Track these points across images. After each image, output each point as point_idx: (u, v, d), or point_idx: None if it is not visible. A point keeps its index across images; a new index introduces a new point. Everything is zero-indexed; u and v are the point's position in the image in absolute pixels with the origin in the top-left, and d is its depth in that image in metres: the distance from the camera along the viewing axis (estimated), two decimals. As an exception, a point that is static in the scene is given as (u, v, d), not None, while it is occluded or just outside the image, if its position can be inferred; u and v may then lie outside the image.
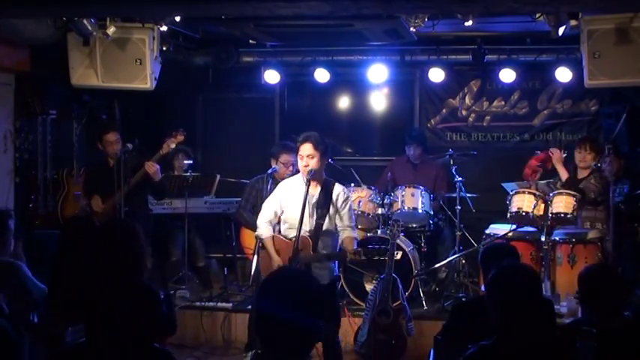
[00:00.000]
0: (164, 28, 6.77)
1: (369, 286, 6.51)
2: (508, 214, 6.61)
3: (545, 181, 6.88)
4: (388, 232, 5.95)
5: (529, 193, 6.53)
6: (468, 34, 7.40)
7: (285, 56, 8.02)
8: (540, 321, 2.75)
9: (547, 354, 2.74)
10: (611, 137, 6.56)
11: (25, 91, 7.49)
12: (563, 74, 7.37)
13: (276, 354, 2.28)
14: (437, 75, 7.84)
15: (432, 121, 8.72)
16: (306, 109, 9.14)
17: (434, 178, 7.62)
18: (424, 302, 6.76)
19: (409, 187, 7.09)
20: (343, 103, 9.18)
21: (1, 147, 7.32)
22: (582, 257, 6.32)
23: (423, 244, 7.15)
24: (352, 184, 7.22)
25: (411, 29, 6.34)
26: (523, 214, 6.45)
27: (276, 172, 6.32)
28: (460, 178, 7.19)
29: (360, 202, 7.03)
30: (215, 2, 4.59)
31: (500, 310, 2.74)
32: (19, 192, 7.53)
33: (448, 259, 7.03)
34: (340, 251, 5.21)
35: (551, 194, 6.44)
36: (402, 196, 7.02)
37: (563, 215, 6.35)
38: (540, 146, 8.07)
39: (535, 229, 6.67)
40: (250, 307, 6.58)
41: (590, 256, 6.29)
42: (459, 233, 7.09)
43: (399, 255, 6.34)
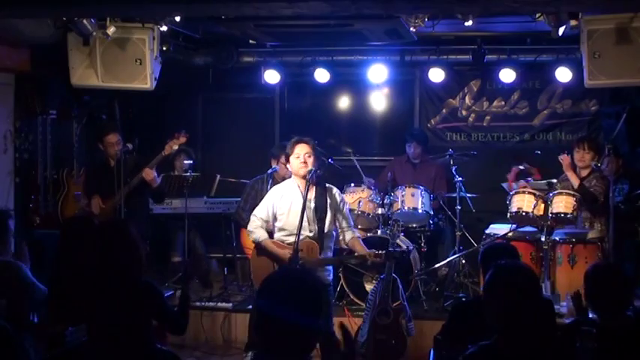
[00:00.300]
0: (164, 28, 6.77)
1: (369, 286, 6.51)
2: (508, 214, 6.61)
3: (545, 180, 6.87)
4: (388, 232, 5.94)
5: (529, 193, 6.53)
6: (468, 34, 7.40)
7: (285, 56, 8.02)
8: (540, 321, 2.75)
9: (547, 354, 2.74)
10: (611, 137, 6.54)
11: (25, 91, 7.49)
12: (563, 74, 7.37)
13: (276, 354, 2.28)
14: (437, 75, 7.84)
15: (432, 121, 8.72)
16: (306, 109, 9.14)
17: (434, 178, 7.63)
18: (424, 302, 6.76)
19: (409, 187, 7.10)
20: (343, 103, 9.18)
21: (1, 147, 7.32)
22: (582, 257, 6.32)
23: (423, 244, 7.15)
24: (352, 184, 7.22)
25: (411, 29, 6.34)
26: (523, 214, 6.45)
27: (276, 172, 6.32)
28: (460, 178, 7.19)
29: (360, 202, 7.02)
30: (215, 2, 4.58)
31: (499, 309, 2.74)
32: (19, 192, 7.53)
33: (448, 259, 7.03)
34: (353, 255, 5.31)
35: (551, 194, 6.44)
36: (402, 196, 7.02)
37: (563, 215, 6.34)
38: (540, 146, 8.10)
39: (535, 229, 6.67)
40: (250, 307, 6.58)
41: (590, 256, 6.29)
42: (459, 233, 7.09)
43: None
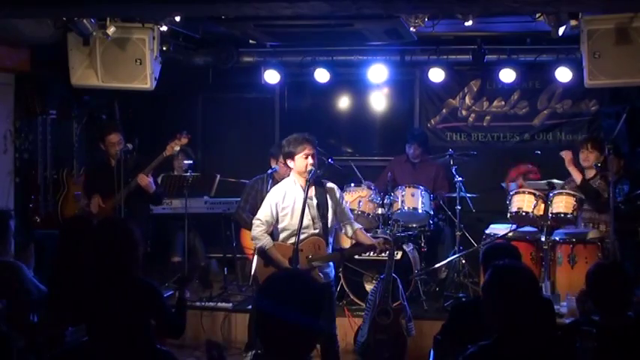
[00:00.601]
0: (164, 28, 6.77)
1: (369, 286, 6.51)
2: (508, 214, 6.61)
3: (544, 180, 6.87)
4: (388, 232, 5.95)
5: (529, 193, 6.53)
6: (468, 34, 7.40)
7: (285, 56, 8.01)
8: (540, 321, 2.75)
9: (547, 354, 2.74)
10: (611, 137, 6.54)
11: (25, 91, 7.50)
12: (563, 74, 7.37)
13: (276, 354, 2.28)
14: (437, 75, 7.83)
15: (432, 121, 8.71)
16: (306, 109, 9.14)
17: (434, 178, 7.63)
18: (424, 302, 6.76)
19: (409, 187, 7.10)
20: (343, 103, 9.18)
21: (1, 147, 7.33)
22: (582, 257, 6.31)
23: (423, 244, 7.15)
24: (352, 184, 7.22)
25: (411, 29, 6.34)
26: (523, 214, 6.46)
27: (276, 172, 6.32)
28: (460, 178, 7.19)
29: (360, 202, 7.03)
30: (215, 2, 4.58)
31: (498, 310, 2.74)
32: (19, 192, 7.53)
33: (448, 259, 7.03)
34: (361, 246, 5.34)
35: (551, 194, 6.44)
36: (402, 196, 7.02)
37: (563, 215, 6.35)
38: (540, 146, 8.09)
39: (535, 229, 6.67)
40: (250, 307, 6.58)
41: (590, 256, 6.28)
42: (459, 233, 7.09)
43: (399, 255, 6.37)
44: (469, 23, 6.20)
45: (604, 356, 3.07)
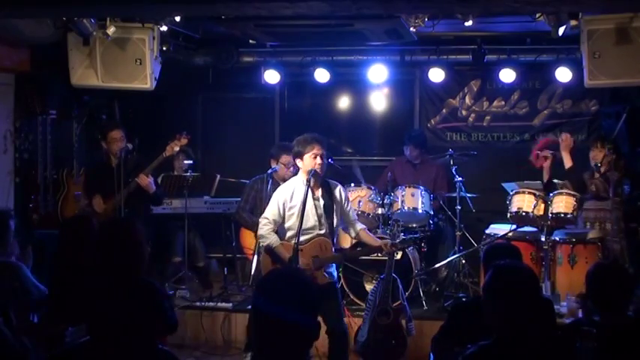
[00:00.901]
0: (164, 28, 6.77)
1: (369, 286, 6.51)
2: (508, 214, 6.61)
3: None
4: (388, 232, 5.94)
5: (529, 193, 6.52)
6: (468, 34, 7.40)
7: (285, 56, 8.02)
8: (540, 321, 2.75)
9: (547, 354, 2.74)
10: (611, 137, 6.54)
11: (25, 91, 7.50)
12: (563, 74, 7.37)
13: (274, 353, 2.28)
14: (437, 75, 7.84)
15: (432, 121, 8.72)
16: (306, 109, 9.15)
17: (434, 178, 7.63)
18: (424, 302, 6.75)
19: (409, 187, 7.09)
20: (343, 103, 9.18)
21: (1, 147, 7.33)
22: (582, 257, 6.31)
23: (423, 244, 7.14)
24: (352, 184, 7.22)
25: (411, 29, 6.34)
26: (523, 214, 6.45)
27: (276, 172, 6.32)
28: (460, 178, 7.19)
29: (360, 202, 7.02)
30: (215, 2, 4.58)
31: (499, 310, 2.74)
32: (19, 192, 7.53)
33: (448, 259, 7.03)
34: (366, 247, 5.34)
35: (551, 194, 6.44)
36: (402, 196, 7.02)
37: (563, 215, 6.34)
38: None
39: (535, 229, 6.66)
40: (250, 307, 6.57)
41: (590, 256, 6.28)
42: (459, 233, 7.09)
43: (399, 255, 6.36)
44: (469, 23, 6.21)
45: (604, 356, 3.07)
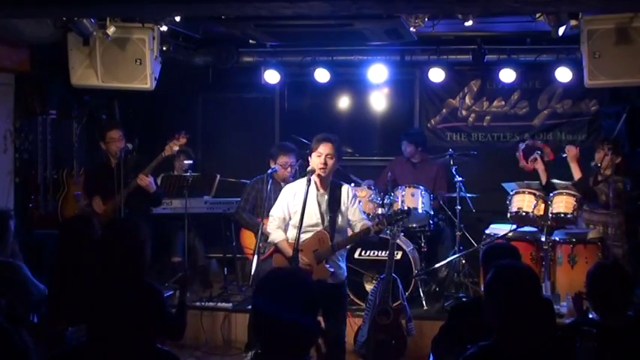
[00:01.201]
0: (164, 28, 6.77)
1: (369, 286, 6.52)
2: (508, 214, 6.61)
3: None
4: (388, 232, 5.94)
5: (529, 193, 6.53)
6: (468, 34, 7.40)
7: (285, 56, 8.02)
8: (540, 321, 2.75)
9: (547, 354, 2.74)
10: (611, 137, 6.54)
11: (25, 91, 7.49)
12: (563, 74, 7.37)
13: (275, 353, 2.28)
14: (437, 75, 7.84)
15: (432, 121, 8.72)
16: (306, 109, 9.15)
17: (434, 178, 7.63)
18: (424, 302, 6.76)
19: (409, 187, 7.09)
20: (343, 103, 9.18)
21: (1, 147, 7.32)
22: (582, 257, 6.32)
23: (423, 244, 7.15)
24: (352, 184, 7.22)
25: (411, 29, 6.34)
26: (523, 214, 6.45)
27: (276, 172, 6.32)
28: (460, 178, 7.19)
29: (360, 202, 7.00)
30: (215, 2, 4.58)
31: (499, 310, 2.74)
32: (19, 192, 7.53)
33: (448, 259, 7.04)
34: (363, 230, 5.21)
35: (551, 194, 6.43)
36: (402, 196, 7.02)
37: (563, 215, 6.34)
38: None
39: (535, 229, 6.67)
40: (250, 307, 6.57)
41: (590, 256, 6.29)
42: (459, 233, 7.09)
43: (399, 255, 6.36)
44: (469, 23, 6.20)
45: (604, 356, 3.07)
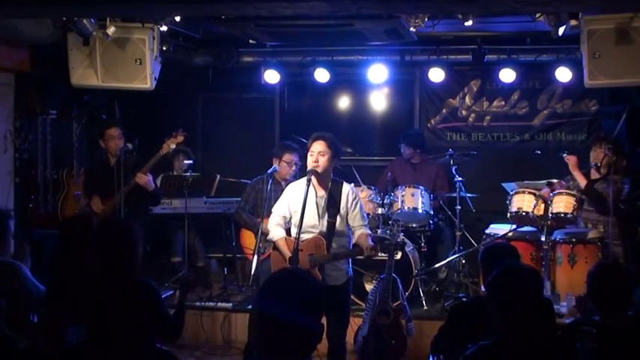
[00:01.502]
0: (164, 28, 6.77)
1: (369, 286, 6.51)
2: (508, 214, 6.61)
3: (544, 180, 6.84)
4: (388, 232, 5.94)
5: (529, 193, 6.52)
6: (468, 34, 7.40)
7: (285, 56, 8.02)
8: (540, 321, 2.75)
9: (547, 354, 2.74)
10: (612, 137, 6.54)
11: (25, 91, 7.49)
12: (563, 74, 7.37)
13: (277, 356, 2.27)
14: (437, 75, 7.83)
15: (432, 121, 8.72)
16: (306, 109, 9.15)
17: (434, 178, 7.63)
18: (424, 302, 6.76)
19: (409, 187, 7.10)
20: (343, 103, 9.18)
21: (1, 147, 7.32)
22: (582, 257, 6.31)
23: (423, 244, 7.15)
24: (352, 184, 7.20)
25: (411, 29, 6.34)
26: (523, 214, 6.45)
27: (277, 171, 6.31)
28: (460, 178, 7.19)
29: (361, 201, 7.00)
30: (215, 2, 4.58)
31: (501, 310, 2.74)
32: (19, 192, 7.53)
33: (448, 259, 7.03)
34: (355, 248, 5.17)
35: (551, 194, 6.43)
36: (402, 196, 7.02)
37: (563, 215, 6.34)
38: (540, 146, 8.08)
39: (535, 229, 6.66)
40: (250, 307, 6.58)
41: (590, 256, 6.28)
42: (459, 233, 7.09)
43: (399, 255, 6.36)
44: (469, 23, 6.20)
45: (604, 356, 3.07)
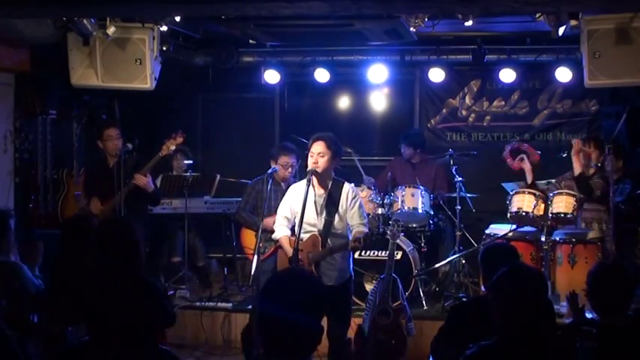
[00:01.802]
0: (164, 28, 6.77)
1: (369, 286, 6.51)
2: (508, 214, 6.61)
3: (545, 180, 6.88)
4: (388, 232, 5.94)
5: (529, 193, 6.52)
6: (468, 34, 7.41)
7: (285, 56, 8.02)
8: (542, 322, 2.75)
9: (547, 354, 2.74)
10: (611, 137, 6.54)
11: (25, 91, 7.48)
12: (563, 74, 7.37)
13: (277, 354, 2.28)
14: (437, 75, 7.84)
15: (432, 121, 8.72)
16: (306, 109, 9.15)
17: (434, 178, 7.63)
18: (424, 302, 6.76)
19: (409, 187, 7.10)
20: (343, 103, 9.18)
21: (1, 147, 7.32)
22: (582, 257, 6.31)
23: (423, 244, 7.15)
24: (352, 184, 7.21)
25: (411, 29, 6.34)
26: (523, 214, 6.45)
27: (276, 172, 6.32)
28: (460, 178, 7.19)
29: (361, 200, 7.00)
30: (215, 2, 4.58)
31: (504, 310, 2.74)
32: (19, 192, 7.53)
33: (448, 259, 7.03)
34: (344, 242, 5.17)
35: (551, 194, 6.44)
36: (402, 196, 7.02)
37: (563, 215, 6.34)
38: (540, 146, 8.07)
39: (535, 229, 6.66)
40: (250, 307, 6.58)
41: (590, 256, 6.28)
42: (459, 233, 7.09)
43: (399, 255, 6.36)
44: (469, 23, 6.21)
45: (604, 356, 3.07)
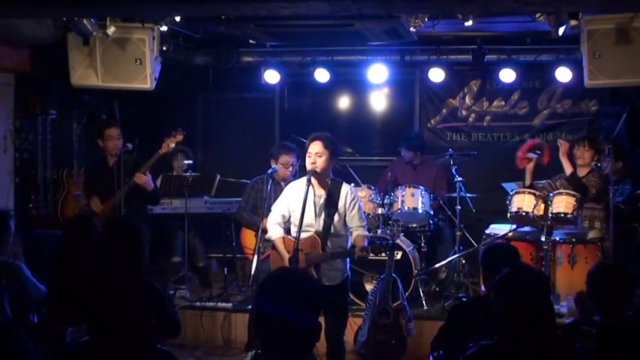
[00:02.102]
0: (164, 28, 6.77)
1: (369, 286, 6.52)
2: (508, 214, 6.60)
3: (544, 181, 6.88)
4: (388, 232, 5.94)
5: (529, 193, 6.52)
6: (468, 34, 7.40)
7: (285, 56, 8.02)
8: (542, 322, 2.75)
9: (547, 354, 2.74)
10: (611, 137, 6.54)
11: (25, 91, 7.49)
12: (563, 74, 7.37)
13: (276, 354, 2.28)
14: (437, 75, 7.84)
15: (432, 121, 8.72)
16: (306, 109, 9.15)
17: (434, 178, 7.63)
18: (424, 302, 6.76)
19: (409, 187, 7.10)
20: (343, 103, 9.18)
21: (1, 147, 7.32)
22: (582, 257, 6.32)
23: (423, 244, 7.14)
24: (352, 184, 7.21)
25: (411, 29, 6.34)
26: (523, 214, 6.45)
27: (276, 172, 6.32)
28: (460, 178, 7.19)
29: (360, 202, 7.01)
30: (215, 2, 4.58)
31: (506, 311, 2.74)
32: (19, 192, 7.53)
33: (448, 259, 7.03)
34: (351, 249, 5.14)
35: (551, 194, 6.43)
36: (402, 196, 7.02)
37: (563, 215, 6.34)
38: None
39: (535, 229, 6.66)
40: (250, 307, 6.58)
41: (590, 256, 6.29)
42: (459, 233, 7.09)
43: (399, 255, 6.36)
44: (469, 23, 6.21)
45: (604, 356, 3.07)
